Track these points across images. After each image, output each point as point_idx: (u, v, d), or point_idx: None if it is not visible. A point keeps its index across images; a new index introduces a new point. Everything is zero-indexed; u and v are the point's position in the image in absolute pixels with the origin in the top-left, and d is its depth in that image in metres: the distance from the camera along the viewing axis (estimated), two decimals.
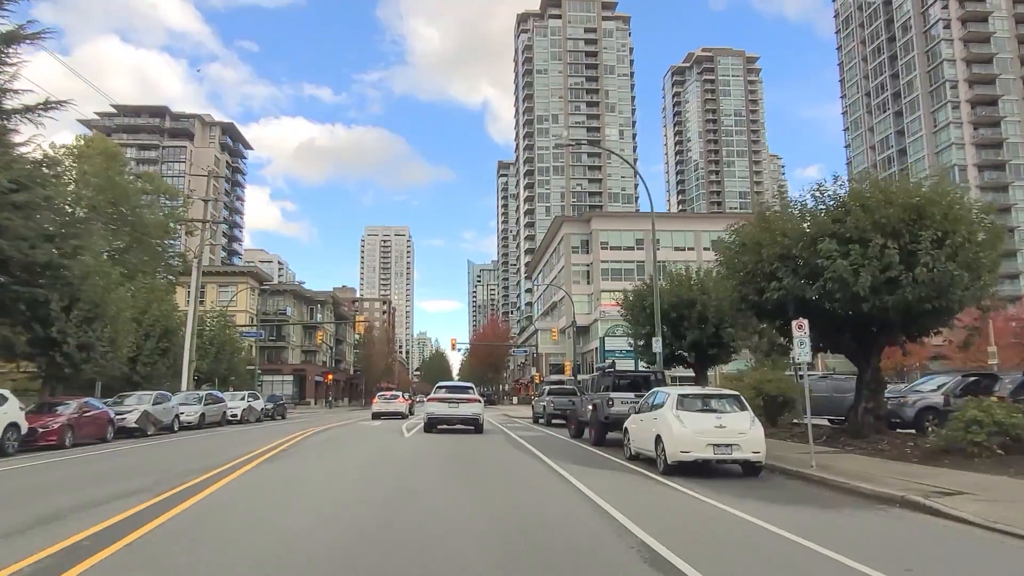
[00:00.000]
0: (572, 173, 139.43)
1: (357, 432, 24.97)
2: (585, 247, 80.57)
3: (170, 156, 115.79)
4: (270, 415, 39.09)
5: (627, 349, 48.14)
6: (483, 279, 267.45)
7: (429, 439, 20.65)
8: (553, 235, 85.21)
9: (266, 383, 75.80)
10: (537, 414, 31.76)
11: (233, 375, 48.46)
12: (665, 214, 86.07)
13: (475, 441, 19.88)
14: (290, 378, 76.83)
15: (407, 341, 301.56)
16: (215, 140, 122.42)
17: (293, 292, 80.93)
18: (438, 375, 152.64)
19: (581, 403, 21.12)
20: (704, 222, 79.88)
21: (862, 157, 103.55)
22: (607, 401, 17.67)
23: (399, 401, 34.66)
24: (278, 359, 79.49)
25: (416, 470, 13.04)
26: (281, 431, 25.17)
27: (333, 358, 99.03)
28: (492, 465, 14.15)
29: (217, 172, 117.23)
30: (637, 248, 79.05)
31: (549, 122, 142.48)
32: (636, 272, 78.31)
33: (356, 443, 19.95)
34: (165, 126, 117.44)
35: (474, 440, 20.02)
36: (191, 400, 28.45)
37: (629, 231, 79.01)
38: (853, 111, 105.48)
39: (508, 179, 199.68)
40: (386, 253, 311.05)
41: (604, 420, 17.67)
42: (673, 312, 25.18)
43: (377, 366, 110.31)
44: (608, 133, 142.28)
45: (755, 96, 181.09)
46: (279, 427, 29.23)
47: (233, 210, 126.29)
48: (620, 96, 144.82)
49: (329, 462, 14.60)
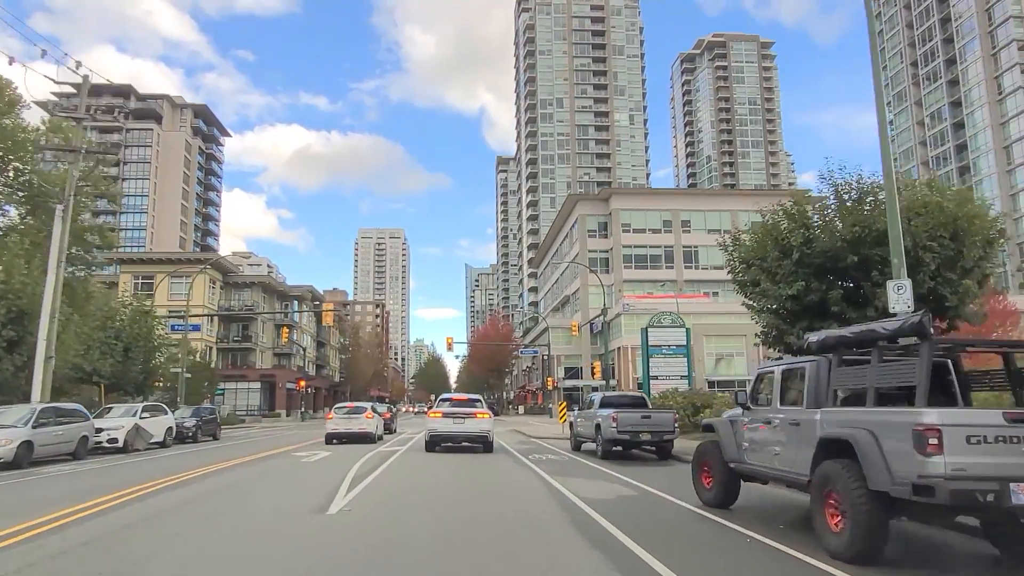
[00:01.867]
0: (579, 161, 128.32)
1: (265, 481, 13.56)
2: (603, 230, 69.20)
3: (135, 140, 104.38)
4: (191, 436, 27.62)
5: (678, 345, 36.69)
6: (481, 284, 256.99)
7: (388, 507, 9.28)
8: (565, 217, 73.78)
9: (229, 391, 64.38)
10: (579, 436, 20.35)
11: (159, 380, 36.95)
12: (697, 191, 74.65)
13: (494, 531, 8.36)
14: (257, 385, 65.23)
15: (403, 348, 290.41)
16: (186, 123, 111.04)
17: (263, 285, 69.43)
18: (435, 382, 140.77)
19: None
20: (742, 200, 68.51)
21: (907, 135, 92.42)
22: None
23: (366, 417, 23.30)
24: (244, 363, 67.86)
25: None
26: (118, 479, 13.71)
27: (314, 363, 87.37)
28: None
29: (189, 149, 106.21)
30: (664, 231, 67.78)
31: (553, 106, 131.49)
32: (663, 259, 67.18)
33: (207, 526, 8.45)
34: (130, 107, 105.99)
35: (495, 527, 8.52)
36: (12, 419, 17.03)
37: (654, 211, 67.71)
38: (896, 83, 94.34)
39: (508, 175, 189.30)
40: (380, 256, 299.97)
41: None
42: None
43: (365, 372, 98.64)
44: (617, 118, 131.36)
45: (770, 84, 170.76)
46: (160, 462, 17.85)
47: (207, 201, 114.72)
48: (630, 79, 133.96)
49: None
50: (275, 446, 23.69)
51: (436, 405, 20.95)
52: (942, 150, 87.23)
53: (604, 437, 16.78)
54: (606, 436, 16.84)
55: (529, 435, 30.37)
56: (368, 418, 23.66)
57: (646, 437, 16.56)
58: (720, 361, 62.05)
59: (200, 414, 29.71)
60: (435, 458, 17.94)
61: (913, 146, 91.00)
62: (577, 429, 20.28)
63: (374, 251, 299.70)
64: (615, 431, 16.53)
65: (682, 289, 66.18)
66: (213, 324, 64.60)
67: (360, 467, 15.24)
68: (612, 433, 16.61)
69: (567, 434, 28.33)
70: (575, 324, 49.96)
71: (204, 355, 55.76)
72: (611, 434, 16.63)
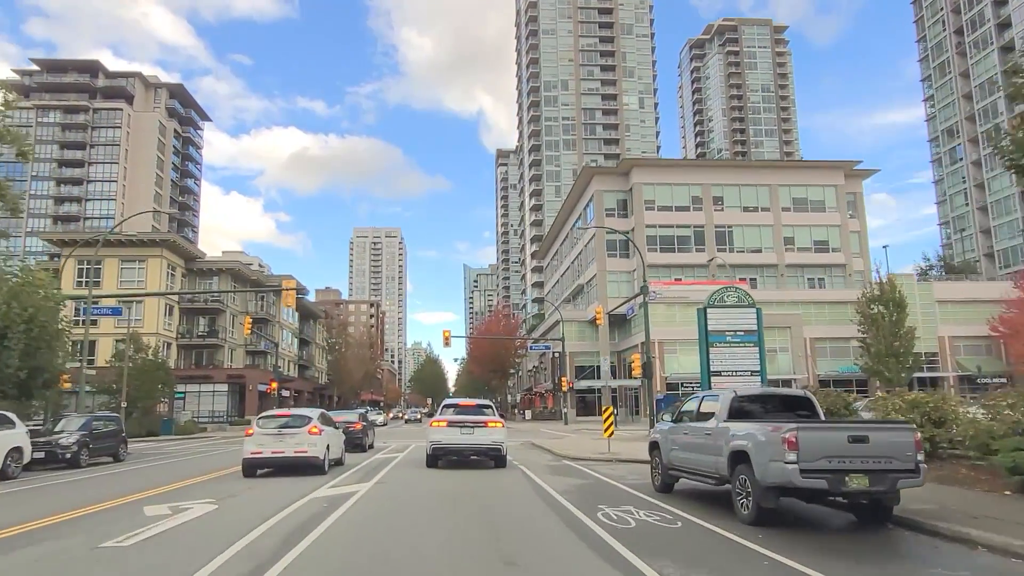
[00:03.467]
0: (585, 147, 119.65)
1: None
2: (623, 209, 60.40)
3: (103, 120, 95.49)
4: (67, 458, 18.91)
5: (747, 330, 28.23)
6: (480, 285, 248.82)
7: None
8: (578, 195, 64.96)
9: (191, 395, 55.48)
10: (675, 468, 11.25)
11: (65, 379, 28.08)
12: (731, 162, 65.90)
13: None
14: (224, 387, 56.32)
15: (399, 351, 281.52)
16: (160, 104, 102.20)
17: (233, 273, 60.58)
18: (432, 386, 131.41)
19: None
20: (784, 173, 59.75)
21: (951, 109, 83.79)
22: None
23: (309, 433, 14.48)
24: (212, 362, 58.96)
25: None
26: None
27: (296, 362, 78.44)
28: None
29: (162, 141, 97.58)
30: (694, 208, 59.04)
31: (558, 89, 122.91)
32: (693, 240, 58.40)
33: None
34: (97, 85, 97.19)
35: None
36: None
37: (682, 186, 58.93)
38: (938, 53, 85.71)
39: (508, 168, 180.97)
40: (376, 256, 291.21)
41: None
42: None
43: (354, 374, 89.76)
44: (627, 101, 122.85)
45: (784, 70, 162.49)
46: None
47: (184, 189, 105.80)
48: (639, 60, 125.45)
49: None
50: (175, 479, 14.91)
51: (439, 412, 17.74)
52: (992, 125, 78.56)
53: (766, 479, 8.03)
54: (770, 478, 8.00)
55: (557, 453, 21.55)
56: (313, 434, 14.79)
57: (860, 483, 7.71)
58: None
59: (90, 426, 20.82)
60: (421, 502, 9.38)
61: (959, 122, 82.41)
62: (670, 457, 11.34)
63: (370, 250, 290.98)
64: (794, 468, 7.69)
65: (715, 275, 57.42)
66: (172, 316, 55.74)
67: (250, 547, 6.51)
68: (786, 474, 7.76)
69: (613, 453, 19.61)
70: (600, 311, 41.13)
71: (159, 352, 46.84)
72: (784, 475, 7.80)
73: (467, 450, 16.39)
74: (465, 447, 16.36)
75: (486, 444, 16.34)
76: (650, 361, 30.14)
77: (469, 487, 12.80)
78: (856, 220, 60.86)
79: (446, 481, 13.96)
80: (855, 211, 61.10)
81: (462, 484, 13.21)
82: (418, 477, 14.91)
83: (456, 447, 16.36)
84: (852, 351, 56.02)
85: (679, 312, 53.90)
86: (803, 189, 59.49)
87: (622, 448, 21.66)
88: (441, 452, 16.38)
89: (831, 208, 59.34)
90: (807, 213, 59.17)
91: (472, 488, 12.56)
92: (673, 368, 52.55)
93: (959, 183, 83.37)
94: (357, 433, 22.08)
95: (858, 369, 47.94)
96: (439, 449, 16.37)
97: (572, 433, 36.79)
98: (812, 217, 59.01)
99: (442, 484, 13.31)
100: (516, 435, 35.56)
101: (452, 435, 16.33)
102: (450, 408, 17.64)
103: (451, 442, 16.31)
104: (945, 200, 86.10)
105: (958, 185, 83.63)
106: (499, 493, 12.02)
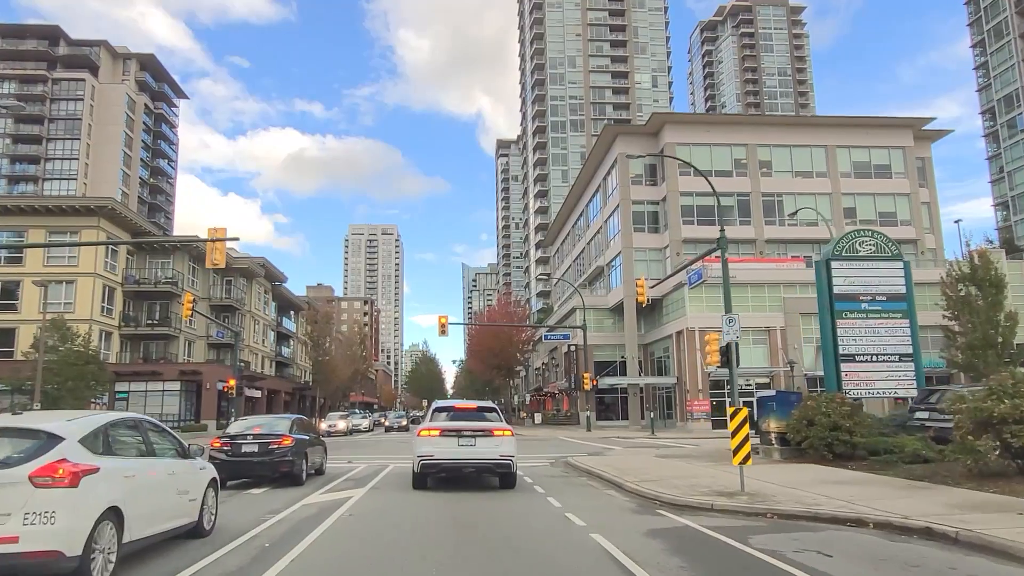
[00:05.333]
0: (594, 128, 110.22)
1: None
2: (651, 175, 51.22)
3: (64, 92, 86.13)
4: None
5: (893, 294, 19.12)
6: (479, 285, 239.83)
7: None
8: (598, 160, 55.61)
9: (137, 394, 46.42)
10: None
11: None
12: (781, 118, 56.82)
13: None
14: (177, 386, 46.96)
15: (395, 352, 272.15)
16: (130, 76, 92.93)
17: (190, 252, 51.39)
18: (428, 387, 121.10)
19: None
20: (843, 133, 50.50)
21: (1010, 75, 74.73)
22: None
23: None
24: (163, 356, 49.66)
25: None
26: None
27: (272, 359, 69.09)
28: None
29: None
30: (737, 173, 49.96)
31: (565, 66, 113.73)
32: (737, 211, 49.35)
33: None
34: (58, 53, 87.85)
35: None
36: None
37: (723, 146, 49.80)
38: (992, 14, 76.66)
39: (509, 159, 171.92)
40: (372, 254, 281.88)
41: None
42: None
43: (340, 373, 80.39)
44: (639, 80, 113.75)
45: (801, 53, 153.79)
46: None
47: (156, 171, 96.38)
48: (652, 35, 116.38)
49: None
50: None
51: (429, 418, 13.71)
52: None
53: None
54: None
55: (629, 488, 12.33)
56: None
57: None
58: (820, 350, 44.07)
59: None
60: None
61: (1018, 89, 73.39)
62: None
63: (365, 248, 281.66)
64: None
65: (763, 252, 48.30)
66: (115, 300, 46.46)
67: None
68: None
69: (751, 494, 10.37)
70: (642, 283, 31.84)
71: (89, 341, 37.56)
72: None
73: (468, 465, 13.02)
74: (465, 461, 12.92)
75: (491, 459, 12.91)
76: (734, 346, 21.01)
77: None
78: (926, 190, 51.76)
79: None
80: (924, 179, 51.99)
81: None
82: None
83: (454, 462, 12.89)
84: (931, 342, 46.97)
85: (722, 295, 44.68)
86: (865, 152, 50.34)
87: (759, 481, 12.33)
88: (432, 469, 13.04)
89: (898, 174, 50.19)
90: (870, 180, 50.02)
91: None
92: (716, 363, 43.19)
93: (1020, 157, 74.24)
94: (283, 455, 12.86)
95: (943, 364, 39.29)
96: (431, 465, 12.95)
97: (614, 445, 27.54)
98: (876, 184, 49.86)
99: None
100: (534, 447, 26.30)
101: (447, 447, 12.88)
102: (443, 412, 13.90)
103: (446, 457, 12.84)
104: (1002, 178, 76.97)
105: (1019, 160, 74.49)
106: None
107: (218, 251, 21.68)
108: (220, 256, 21.72)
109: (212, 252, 21.63)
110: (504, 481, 13.24)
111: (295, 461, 13.18)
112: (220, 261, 21.69)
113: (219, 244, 21.71)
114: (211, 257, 21.64)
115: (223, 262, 21.92)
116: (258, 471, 13.00)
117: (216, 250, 21.64)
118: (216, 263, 21.68)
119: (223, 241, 21.78)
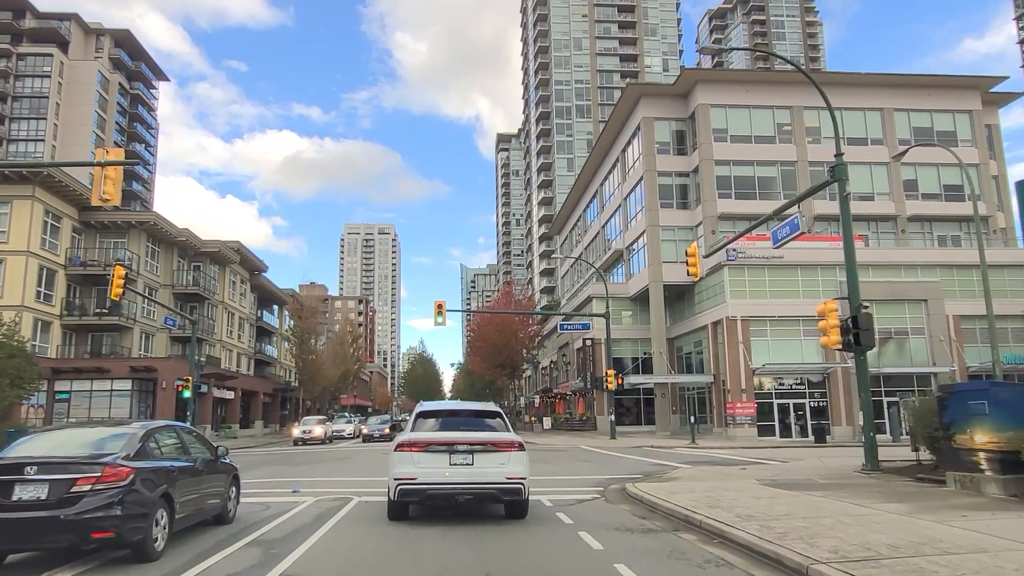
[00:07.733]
0: (601, 114, 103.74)
1: None
2: (680, 142, 44.53)
3: (29, 68, 79.41)
4: None
5: None
6: (478, 285, 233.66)
7: None
8: (620, 125, 48.75)
9: (80, 395, 39.74)
10: None
11: None
12: (832, 75, 50.12)
13: None
14: (127, 384, 40.10)
15: (392, 354, 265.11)
16: (103, 53, 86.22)
17: (150, 232, 44.65)
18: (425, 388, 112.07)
19: None
20: (903, 94, 43.82)
21: None
22: None
23: None
24: (114, 350, 42.84)
25: None
26: None
27: (250, 356, 62.21)
28: None
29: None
30: (780, 139, 43.38)
31: (571, 48, 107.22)
32: (780, 183, 42.87)
33: None
34: (24, 26, 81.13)
35: None
36: None
37: (764, 109, 43.24)
38: None
39: (510, 153, 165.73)
40: (368, 254, 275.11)
41: None
42: None
43: (328, 374, 73.57)
44: (648, 63, 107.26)
45: (815, 42, 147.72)
46: None
47: (132, 155, 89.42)
48: (663, 16, 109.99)
49: None
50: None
51: (411, 426, 10.47)
52: None
53: None
54: None
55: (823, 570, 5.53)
56: None
57: None
58: (887, 342, 37.39)
59: None
60: None
61: None
62: None
63: (361, 248, 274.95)
64: None
65: (811, 229, 41.56)
66: (54, 285, 39.63)
67: None
68: None
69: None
70: (694, 248, 25.13)
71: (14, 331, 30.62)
72: None
73: (462, 491, 9.44)
74: (461, 488, 9.40)
75: (494, 482, 9.39)
76: (867, 316, 14.27)
77: None
78: (995, 163, 45.21)
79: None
80: (992, 149, 45.44)
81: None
82: None
83: (441, 489, 9.43)
84: (1013, 333, 40.35)
85: (770, 279, 38.11)
86: (926, 116, 43.79)
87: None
88: (414, 497, 9.64)
89: (965, 142, 43.56)
90: (934, 148, 43.34)
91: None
92: (762, 358, 36.54)
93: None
94: (101, 506, 6.11)
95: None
96: (411, 492, 9.50)
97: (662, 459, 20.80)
98: (941, 154, 43.18)
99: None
100: (557, 462, 19.46)
101: (435, 467, 9.45)
102: (431, 418, 10.49)
103: (433, 480, 9.41)
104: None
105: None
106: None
107: (110, 181, 14.98)
108: (112, 189, 15.02)
109: (101, 183, 14.91)
110: (511, 510, 10.07)
111: (128, 517, 6.39)
112: (112, 195, 15.00)
113: (110, 171, 15.03)
114: (99, 190, 14.93)
115: (116, 197, 15.17)
116: (40, 538, 6.22)
117: (108, 178, 14.94)
118: (107, 198, 14.93)
119: (118, 166, 15.13)
